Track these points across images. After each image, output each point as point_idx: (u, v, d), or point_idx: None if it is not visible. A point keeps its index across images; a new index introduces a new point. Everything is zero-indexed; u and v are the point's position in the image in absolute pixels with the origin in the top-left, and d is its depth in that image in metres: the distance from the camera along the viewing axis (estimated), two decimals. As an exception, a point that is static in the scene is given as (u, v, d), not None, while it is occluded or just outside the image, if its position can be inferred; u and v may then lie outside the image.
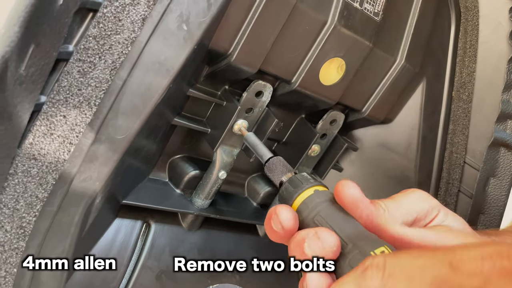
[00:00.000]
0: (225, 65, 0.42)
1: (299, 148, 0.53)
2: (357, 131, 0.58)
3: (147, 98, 0.35)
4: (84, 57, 0.30)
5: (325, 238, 0.30)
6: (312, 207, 0.32)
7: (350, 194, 0.32)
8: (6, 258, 0.30)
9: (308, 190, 0.33)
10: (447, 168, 0.56)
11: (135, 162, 0.42)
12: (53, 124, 0.30)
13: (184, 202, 0.49)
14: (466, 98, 0.55)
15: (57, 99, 0.30)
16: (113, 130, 0.34)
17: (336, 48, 0.45)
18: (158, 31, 0.33)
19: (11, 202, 0.30)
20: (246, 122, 0.46)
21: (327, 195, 0.33)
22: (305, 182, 0.34)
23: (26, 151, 0.29)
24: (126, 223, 0.46)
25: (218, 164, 0.48)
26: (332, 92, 0.48)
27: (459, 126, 0.56)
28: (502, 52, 0.53)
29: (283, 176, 0.36)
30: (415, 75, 0.53)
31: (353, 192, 0.32)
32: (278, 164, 0.37)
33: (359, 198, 0.32)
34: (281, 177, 0.36)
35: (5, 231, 0.30)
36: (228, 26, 0.40)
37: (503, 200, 0.56)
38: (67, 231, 0.33)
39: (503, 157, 0.54)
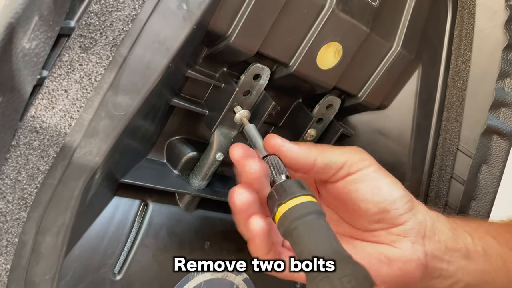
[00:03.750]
0: (224, 47, 0.43)
1: (295, 132, 0.54)
2: (353, 117, 0.59)
3: (147, 76, 0.35)
4: (85, 32, 0.31)
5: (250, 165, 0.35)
6: (296, 217, 0.32)
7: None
8: (7, 228, 0.31)
9: (296, 198, 0.33)
10: (440, 154, 0.57)
11: (134, 141, 0.43)
12: (54, 98, 0.31)
13: (182, 182, 0.50)
14: (461, 86, 0.56)
15: (58, 73, 0.31)
16: (113, 106, 0.34)
17: (334, 32, 0.46)
18: (158, 9, 0.34)
19: (13, 173, 0.30)
20: (248, 112, 0.46)
21: (314, 207, 0.33)
22: (295, 189, 0.34)
23: (28, 123, 0.30)
24: (124, 201, 0.47)
25: (216, 146, 0.49)
26: (329, 77, 0.49)
27: (453, 113, 0.56)
28: (498, 41, 0.53)
29: (276, 176, 0.36)
30: (411, 62, 0.54)
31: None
32: (273, 163, 0.38)
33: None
34: (273, 177, 0.37)
35: (7, 201, 0.31)
36: (227, 7, 0.40)
37: (495, 187, 0.57)
38: (67, 204, 0.34)
39: (496, 145, 0.55)
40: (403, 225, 0.40)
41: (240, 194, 0.36)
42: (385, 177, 0.41)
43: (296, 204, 0.33)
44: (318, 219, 0.32)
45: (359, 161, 0.40)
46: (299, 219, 0.32)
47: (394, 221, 0.40)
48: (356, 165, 0.40)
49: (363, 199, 0.40)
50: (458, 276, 0.42)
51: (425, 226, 0.41)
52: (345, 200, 0.40)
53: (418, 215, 0.41)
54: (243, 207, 0.36)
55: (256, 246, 0.36)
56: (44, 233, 0.34)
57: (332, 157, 0.40)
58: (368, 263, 0.40)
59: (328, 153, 0.40)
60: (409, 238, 0.40)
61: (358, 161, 0.40)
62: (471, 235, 0.43)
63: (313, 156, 0.39)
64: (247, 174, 0.36)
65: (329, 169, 0.40)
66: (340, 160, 0.40)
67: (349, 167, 0.40)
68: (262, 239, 0.35)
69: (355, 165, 0.40)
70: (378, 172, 0.40)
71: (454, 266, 0.41)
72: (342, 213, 0.43)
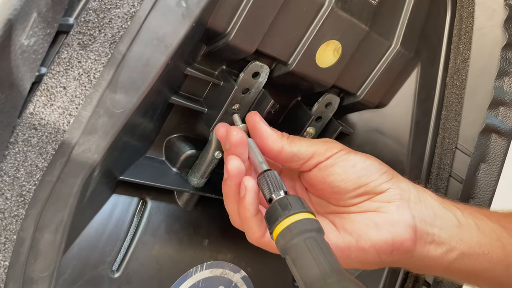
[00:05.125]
0: (223, 45, 0.43)
1: (294, 130, 0.54)
2: (351, 115, 0.59)
3: (146, 73, 0.35)
4: (84, 29, 0.31)
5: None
6: (295, 234, 0.32)
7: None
8: (6, 225, 0.31)
9: (295, 215, 0.33)
10: (439, 153, 0.58)
11: (133, 139, 0.43)
12: (53, 95, 0.31)
13: (180, 180, 0.50)
14: (460, 85, 0.56)
15: (57, 70, 0.31)
16: (111, 104, 0.34)
17: (333, 31, 0.46)
18: (157, 7, 0.34)
19: (12, 170, 0.30)
20: (244, 126, 0.46)
21: (314, 224, 0.33)
22: (294, 206, 0.34)
23: (26, 120, 0.30)
24: (123, 199, 0.47)
25: (214, 144, 0.49)
26: (328, 75, 0.49)
27: (452, 112, 0.57)
28: (497, 39, 0.53)
29: (274, 193, 0.37)
30: (410, 60, 0.54)
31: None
32: (271, 179, 0.38)
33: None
34: (271, 194, 0.37)
35: (5, 198, 0.31)
36: (226, 5, 0.40)
37: (493, 185, 0.57)
38: (66, 201, 0.34)
39: (494, 143, 0.56)
40: (386, 192, 0.41)
41: (234, 160, 0.39)
42: (356, 155, 0.42)
43: (294, 221, 0.33)
44: (317, 237, 0.32)
45: (327, 150, 0.42)
46: (297, 237, 0.32)
47: (375, 190, 0.41)
48: (324, 153, 0.41)
49: (340, 179, 0.41)
50: (452, 243, 0.41)
51: (409, 193, 0.42)
52: (323, 185, 0.42)
53: (400, 183, 0.42)
54: (237, 172, 0.39)
55: (247, 204, 0.37)
56: (42, 230, 0.34)
57: (301, 148, 0.41)
58: (357, 230, 0.40)
59: (297, 143, 0.42)
60: (393, 203, 0.41)
61: (326, 150, 0.42)
62: (460, 210, 0.43)
63: (281, 143, 0.41)
64: (231, 140, 0.40)
65: (297, 159, 0.42)
66: (309, 151, 0.41)
67: (318, 156, 0.41)
68: (252, 196, 0.37)
69: (323, 154, 0.41)
70: (348, 154, 0.42)
71: (446, 233, 0.41)
72: (324, 195, 0.43)
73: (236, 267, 0.55)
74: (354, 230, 0.40)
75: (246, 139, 0.40)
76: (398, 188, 0.41)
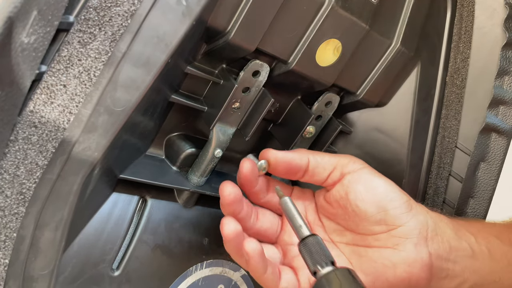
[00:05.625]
0: (223, 43, 0.43)
1: (294, 129, 0.54)
2: (351, 114, 0.59)
3: (146, 72, 0.35)
4: (84, 28, 0.31)
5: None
6: None
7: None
8: (6, 223, 0.31)
9: None
10: (438, 152, 0.58)
11: (133, 137, 0.43)
12: (53, 93, 0.31)
13: (180, 179, 0.50)
14: (460, 84, 0.56)
15: (57, 68, 0.31)
16: (112, 102, 0.34)
17: (333, 29, 0.46)
18: (158, 5, 0.34)
19: (12, 168, 0.30)
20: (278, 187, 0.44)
21: None
22: (347, 283, 0.32)
23: (26, 118, 0.30)
24: (123, 197, 0.47)
25: (214, 142, 0.49)
26: (328, 74, 0.49)
27: (451, 111, 0.57)
28: (497, 39, 0.53)
29: (319, 265, 0.34)
30: (410, 59, 0.54)
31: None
32: (316, 247, 0.35)
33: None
34: (316, 266, 0.34)
35: (6, 196, 0.31)
36: (227, 4, 0.40)
37: (493, 184, 0.57)
38: (66, 199, 0.34)
39: (494, 142, 0.56)
40: (404, 226, 0.40)
41: (228, 224, 0.38)
42: (380, 178, 0.42)
43: None
44: None
45: (349, 163, 0.42)
46: None
47: (394, 221, 0.40)
48: (347, 166, 0.42)
49: (361, 198, 0.40)
50: (464, 275, 0.42)
51: (427, 227, 0.41)
52: (344, 204, 0.42)
53: (419, 216, 0.41)
54: (234, 236, 0.38)
55: (253, 268, 0.38)
56: (42, 228, 0.34)
57: (324, 158, 0.43)
58: (374, 271, 0.40)
59: (319, 155, 0.43)
60: (411, 239, 0.40)
61: (349, 162, 0.42)
62: (474, 235, 0.43)
63: (306, 156, 0.42)
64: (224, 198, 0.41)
65: (322, 170, 0.42)
66: (332, 161, 0.42)
67: (342, 167, 0.42)
68: (257, 260, 0.37)
69: (346, 167, 0.42)
70: (372, 173, 0.42)
71: (460, 266, 0.42)
72: (343, 220, 0.43)
73: (236, 266, 0.55)
74: (371, 272, 0.40)
75: (240, 196, 0.41)
76: (417, 222, 0.41)
